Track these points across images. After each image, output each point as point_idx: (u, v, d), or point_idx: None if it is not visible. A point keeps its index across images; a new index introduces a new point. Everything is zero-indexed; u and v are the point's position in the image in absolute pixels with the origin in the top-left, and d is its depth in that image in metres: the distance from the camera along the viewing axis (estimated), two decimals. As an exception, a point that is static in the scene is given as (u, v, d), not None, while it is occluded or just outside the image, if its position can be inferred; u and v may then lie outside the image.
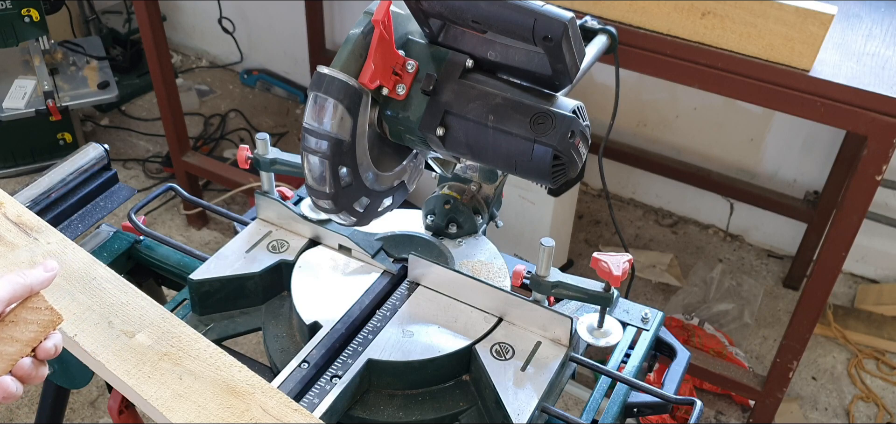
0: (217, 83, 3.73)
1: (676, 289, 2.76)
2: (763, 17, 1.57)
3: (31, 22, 2.70)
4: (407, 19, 0.96)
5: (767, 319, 2.71)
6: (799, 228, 2.79)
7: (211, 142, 3.33)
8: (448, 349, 1.02)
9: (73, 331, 0.92)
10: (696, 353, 2.30)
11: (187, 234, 2.94)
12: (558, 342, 1.06)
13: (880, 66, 1.64)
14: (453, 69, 0.94)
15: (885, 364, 2.57)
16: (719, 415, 2.42)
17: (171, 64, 2.63)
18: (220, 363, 0.89)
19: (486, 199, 1.24)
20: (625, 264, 1.04)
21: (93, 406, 2.32)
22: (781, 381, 2.05)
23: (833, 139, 2.62)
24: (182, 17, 3.85)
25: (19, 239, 1.04)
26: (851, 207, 1.69)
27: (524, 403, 0.97)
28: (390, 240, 1.21)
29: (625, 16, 1.69)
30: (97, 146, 1.39)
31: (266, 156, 1.24)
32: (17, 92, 2.83)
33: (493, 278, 1.16)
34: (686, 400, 1.04)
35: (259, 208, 1.27)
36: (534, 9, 0.84)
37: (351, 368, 1.00)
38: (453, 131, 0.94)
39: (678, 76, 1.71)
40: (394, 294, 1.13)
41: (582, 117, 0.91)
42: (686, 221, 3.08)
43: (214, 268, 1.16)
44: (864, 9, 1.86)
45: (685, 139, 2.90)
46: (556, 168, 0.90)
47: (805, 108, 1.63)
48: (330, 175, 0.93)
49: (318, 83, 0.91)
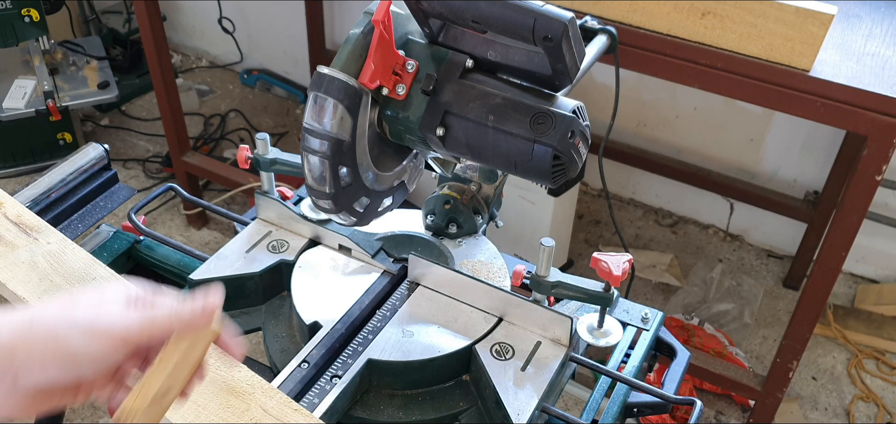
0: (217, 83, 3.73)
1: (676, 289, 2.76)
2: (763, 17, 1.57)
3: (31, 22, 2.70)
4: (407, 19, 0.96)
5: (767, 319, 2.71)
6: (799, 228, 2.79)
7: (211, 142, 3.33)
8: (448, 349, 1.02)
9: (73, 331, 0.92)
10: (696, 353, 2.30)
11: (187, 234, 2.94)
12: (558, 342, 1.06)
13: (880, 66, 1.64)
14: (453, 69, 0.94)
15: (885, 364, 2.57)
16: (719, 415, 2.42)
17: (171, 64, 2.63)
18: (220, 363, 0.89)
19: (486, 199, 1.24)
20: (625, 264, 1.04)
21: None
22: (781, 381, 2.05)
23: (833, 139, 2.62)
24: (182, 17, 3.85)
25: (19, 239, 1.04)
26: (851, 207, 1.69)
27: (524, 403, 0.97)
28: (390, 240, 1.21)
29: (625, 16, 1.69)
30: (97, 146, 1.39)
31: (266, 156, 1.24)
32: (17, 92, 2.83)
33: (493, 278, 1.16)
34: (686, 400, 1.04)
35: (259, 208, 1.27)
36: (534, 9, 0.84)
37: (351, 368, 1.00)
38: (453, 131, 0.94)
39: (678, 76, 1.71)
40: (394, 294, 1.13)
41: (582, 117, 0.91)
42: (686, 221, 3.08)
43: (214, 268, 1.16)
44: (864, 9, 1.86)
45: (685, 139, 2.90)
46: (556, 168, 0.90)
47: (805, 108, 1.63)
48: (330, 175, 0.93)
49: (318, 83, 0.91)
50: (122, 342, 0.67)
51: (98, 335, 0.66)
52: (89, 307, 0.68)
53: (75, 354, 0.65)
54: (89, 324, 0.66)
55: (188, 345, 0.73)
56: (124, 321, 0.68)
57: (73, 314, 0.67)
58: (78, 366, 0.66)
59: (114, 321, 0.67)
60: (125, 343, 0.68)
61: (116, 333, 0.67)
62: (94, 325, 0.66)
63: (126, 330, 0.68)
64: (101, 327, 0.67)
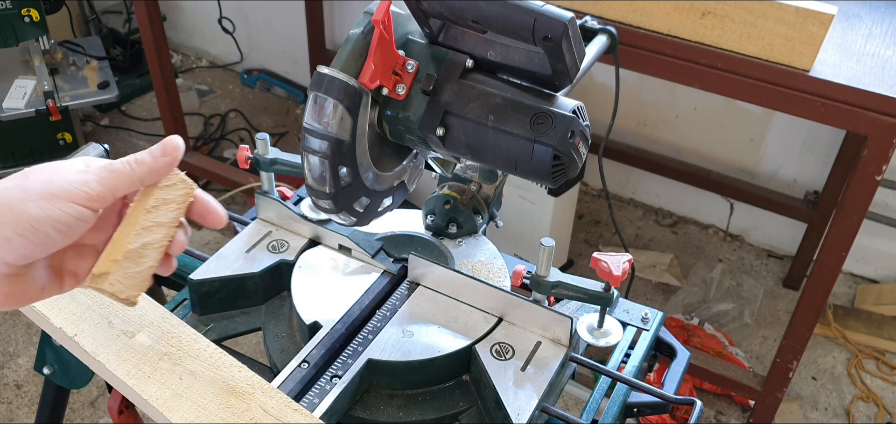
0: (217, 83, 3.73)
1: (676, 289, 2.76)
2: (763, 17, 1.57)
3: (31, 22, 2.70)
4: (407, 19, 0.96)
5: (767, 319, 2.71)
6: (799, 228, 2.79)
7: (211, 142, 3.33)
8: (448, 349, 1.02)
9: (73, 331, 0.92)
10: (696, 353, 2.30)
11: (187, 234, 2.94)
12: (558, 342, 1.06)
13: (880, 66, 1.64)
14: (453, 69, 0.94)
15: (885, 364, 2.57)
16: (719, 415, 2.42)
17: (171, 64, 2.64)
18: (220, 363, 0.89)
19: (486, 199, 1.24)
20: (625, 264, 1.04)
21: (93, 406, 2.32)
22: (781, 381, 2.06)
23: (833, 139, 2.62)
24: (182, 17, 3.85)
25: (19, 239, 1.04)
26: (851, 207, 1.69)
27: (524, 403, 0.97)
28: (390, 240, 1.21)
29: (625, 16, 1.69)
30: (97, 146, 1.39)
31: (266, 156, 1.24)
32: (17, 92, 2.83)
33: (493, 278, 1.16)
34: (686, 400, 1.04)
35: (259, 208, 1.27)
36: (534, 9, 0.84)
37: (351, 368, 1.00)
38: (453, 131, 0.94)
39: (678, 76, 1.72)
40: (394, 294, 1.13)
41: (582, 117, 0.91)
42: (686, 221, 3.08)
43: (214, 268, 1.16)
44: (864, 9, 1.86)
45: (685, 139, 2.90)
46: (556, 168, 0.90)
47: (805, 108, 1.63)
48: (330, 175, 0.93)
49: (318, 83, 0.91)
50: (84, 198, 0.65)
51: (55, 198, 0.64)
52: (42, 173, 0.66)
53: (35, 220, 0.64)
54: (43, 188, 0.65)
55: (159, 198, 0.69)
56: (81, 178, 0.66)
57: (25, 183, 0.65)
58: (43, 234, 0.64)
59: (70, 180, 0.66)
60: (88, 200, 0.66)
61: (74, 192, 0.65)
62: (48, 188, 0.65)
63: (85, 186, 0.66)
64: (56, 189, 0.65)
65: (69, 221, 0.65)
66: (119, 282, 0.67)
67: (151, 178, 0.71)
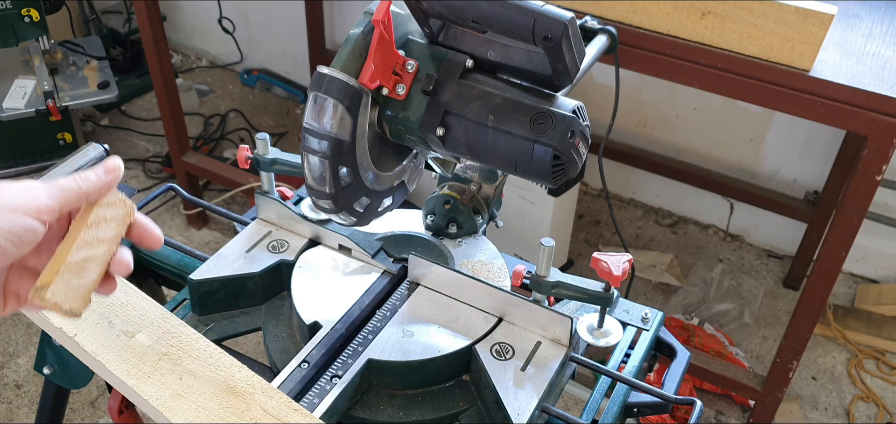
0: (217, 83, 3.73)
1: (676, 289, 2.76)
2: (763, 17, 1.57)
3: (31, 22, 2.70)
4: (407, 19, 0.96)
5: (767, 319, 2.71)
6: (799, 228, 2.79)
7: (211, 142, 3.33)
8: (448, 349, 1.02)
9: (73, 331, 0.92)
10: (696, 353, 2.30)
11: (187, 234, 2.94)
12: (558, 342, 1.06)
13: (880, 66, 1.64)
14: (453, 69, 0.94)
15: (885, 364, 2.57)
16: (719, 415, 2.42)
17: (171, 64, 2.63)
18: (220, 363, 0.89)
19: (486, 199, 1.24)
20: (625, 264, 1.04)
21: (93, 406, 2.32)
22: (781, 381, 2.05)
23: (833, 139, 2.62)
24: (182, 17, 3.85)
25: (19, 239, 1.04)
26: (851, 207, 1.69)
27: (524, 403, 0.97)
28: (390, 240, 1.21)
29: (625, 16, 1.69)
30: (97, 146, 1.39)
31: (266, 156, 1.24)
32: (17, 92, 2.83)
33: (493, 278, 1.16)
34: (686, 400, 1.04)
35: (259, 208, 1.27)
36: (534, 9, 0.84)
37: (351, 368, 1.00)
38: (453, 131, 0.94)
39: (678, 76, 1.72)
40: (394, 294, 1.13)
41: (582, 117, 0.91)
42: (686, 221, 3.08)
43: (214, 268, 1.16)
44: (864, 9, 1.86)
45: (685, 139, 2.90)
46: (556, 168, 0.90)
47: (805, 108, 1.63)
48: (330, 175, 0.93)
49: (318, 83, 0.91)
50: (34, 211, 0.68)
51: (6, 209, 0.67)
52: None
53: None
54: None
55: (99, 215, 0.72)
56: (30, 193, 0.69)
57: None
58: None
59: (18, 194, 0.69)
60: (38, 212, 0.69)
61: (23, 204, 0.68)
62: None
63: (34, 199, 0.69)
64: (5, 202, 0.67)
65: (20, 232, 0.67)
66: (61, 293, 0.69)
67: (96, 195, 0.74)
